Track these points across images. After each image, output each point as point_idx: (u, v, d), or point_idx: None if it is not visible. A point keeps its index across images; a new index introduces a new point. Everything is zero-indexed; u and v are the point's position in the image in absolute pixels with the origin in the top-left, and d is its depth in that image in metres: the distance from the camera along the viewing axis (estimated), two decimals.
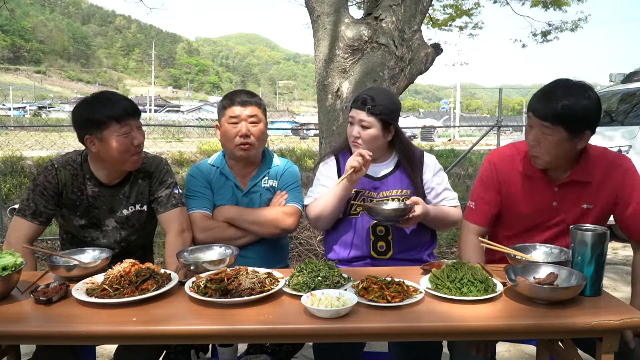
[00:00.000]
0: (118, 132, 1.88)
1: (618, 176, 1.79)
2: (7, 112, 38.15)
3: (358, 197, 2.12)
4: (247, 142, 2.11)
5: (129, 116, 1.91)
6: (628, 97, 6.61)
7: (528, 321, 1.39)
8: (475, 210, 1.97)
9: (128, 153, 1.91)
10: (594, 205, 1.82)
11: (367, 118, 2.07)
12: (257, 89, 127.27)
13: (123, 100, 1.94)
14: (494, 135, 6.99)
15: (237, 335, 1.46)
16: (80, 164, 2.00)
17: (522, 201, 1.89)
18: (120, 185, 2.03)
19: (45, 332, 1.40)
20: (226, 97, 2.19)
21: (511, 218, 1.94)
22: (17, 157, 8.86)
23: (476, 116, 32.21)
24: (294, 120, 36.07)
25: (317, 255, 4.21)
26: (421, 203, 2.00)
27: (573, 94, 1.66)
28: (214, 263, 1.71)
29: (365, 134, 2.09)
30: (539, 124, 1.70)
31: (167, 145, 13.54)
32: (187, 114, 37.04)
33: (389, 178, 2.15)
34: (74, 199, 1.99)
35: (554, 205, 1.85)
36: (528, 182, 1.87)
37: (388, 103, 2.10)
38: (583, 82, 1.71)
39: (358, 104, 2.11)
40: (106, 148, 1.90)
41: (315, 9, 3.50)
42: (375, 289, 1.50)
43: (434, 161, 2.23)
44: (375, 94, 2.11)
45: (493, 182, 1.93)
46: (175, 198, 2.05)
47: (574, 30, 9.72)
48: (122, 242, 2.06)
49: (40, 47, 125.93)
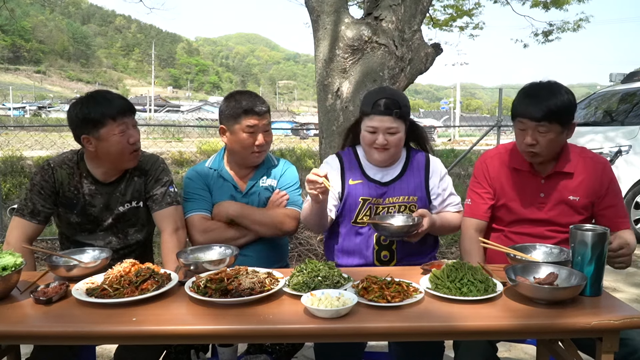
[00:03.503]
0: (115, 130, 1.90)
1: (598, 171, 1.96)
2: (7, 112, 38.12)
3: (365, 205, 2.07)
4: (262, 150, 2.17)
5: (125, 114, 1.93)
6: (628, 97, 6.60)
7: (528, 321, 1.40)
8: (472, 205, 2.08)
9: (125, 151, 1.94)
10: (580, 198, 1.95)
11: (393, 124, 1.98)
12: (257, 89, 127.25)
13: (118, 99, 1.96)
14: (494, 135, 6.98)
15: (237, 335, 1.46)
16: (76, 163, 2.02)
17: (512, 194, 2.02)
18: (117, 183, 2.04)
19: (45, 332, 1.40)
20: (239, 104, 2.11)
21: (502, 211, 2.05)
22: (17, 157, 8.87)
23: (476, 116, 32.22)
24: (294, 120, 36.02)
25: (317, 255, 4.21)
26: (428, 215, 1.98)
27: (555, 93, 1.83)
28: (214, 263, 1.71)
29: (393, 140, 2.00)
30: (535, 126, 1.84)
31: (167, 145, 13.54)
32: (187, 114, 36.98)
33: (395, 183, 2.09)
34: (70, 197, 2.00)
35: (542, 196, 1.98)
36: (517, 176, 2.02)
37: (407, 102, 2.05)
38: (554, 81, 1.91)
39: (380, 110, 1.97)
40: (103, 147, 1.91)
41: (315, 9, 3.50)
42: (375, 289, 1.50)
43: (439, 165, 2.19)
44: (393, 95, 2.02)
45: (485, 178, 2.07)
46: (170, 196, 2.06)
47: (576, 30, 9.71)
48: (119, 238, 2.07)
49: (40, 47, 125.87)
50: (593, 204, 1.96)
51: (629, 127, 5.82)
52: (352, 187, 2.09)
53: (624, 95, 6.71)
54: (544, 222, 1.98)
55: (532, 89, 1.90)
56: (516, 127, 1.91)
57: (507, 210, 2.03)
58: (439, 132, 28.34)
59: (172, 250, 1.94)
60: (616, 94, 6.92)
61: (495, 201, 2.05)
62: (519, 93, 1.92)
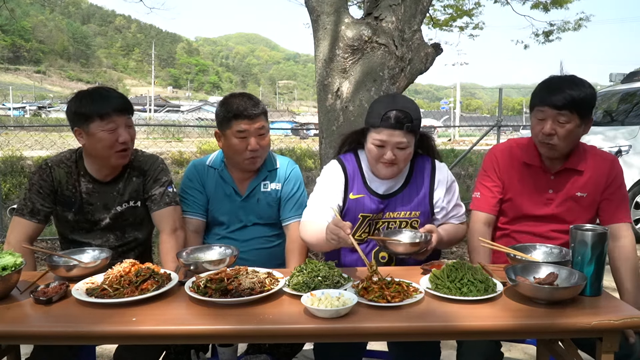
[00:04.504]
0: (103, 127, 1.91)
1: (606, 168, 1.95)
2: (7, 112, 38.10)
3: (364, 222, 1.98)
4: (256, 155, 2.09)
5: (115, 113, 1.93)
6: (628, 97, 6.60)
7: (528, 321, 1.40)
8: (480, 199, 2.06)
9: (112, 149, 1.94)
10: (587, 194, 1.93)
11: (403, 139, 1.83)
12: (257, 89, 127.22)
13: (116, 98, 1.97)
14: (494, 135, 6.98)
15: (237, 335, 1.46)
16: (75, 161, 2.04)
17: (521, 189, 2.00)
18: (114, 182, 2.05)
19: (45, 332, 1.41)
20: (230, 108, 2.06)
21: (509, 206, 2.04)
22: (17, 157, 8.85)
23: (476, 116, 32.20)
24: (294, 120, 36.02)
25: (317, 255, 4.21)
26: (435, 231, 1.85)
27: (578, 85, 1.82)
28: (214, 263, 1.71)
29: (402, 155, 1.86)
30: (555, 115, 1.82)
31: (167, 145, 13.52)
32: (187, 114, 36.97)
33: (397, 197, 1.98)
34: (68, 196, 2.01)
35: (550, 192, 1.97)
36: (527, 171, 2.00)
37: (419, 114, 1.88)
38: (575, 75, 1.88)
39: (391, 123, 1.82)
40: (92, 142, 1.94)
41: (315, 9, 3.49)
42: (375, 289, 1.50)
43: (446, 173, 2.04)
44: (404, 107, 1.85)
45: (495, 171, 2.04)
46: (169, 196, 2.06)
47: (576, 29, 9.69)
48: (117, 236, 2.08)
49: (40, 47, 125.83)
50: (599, 199, 1.95)
51: (629, 127, 5.83)
52: (352, 201, 1.98)
53: (624, 95, 6.71)
54: (550, 218, 1.97)
55: (554, 80, 1.88)
56: (534, 116, 1.89)
57: (513, 205, 2.02)
58: (439, 132, 28.34)
59: (171, 251, 1.94)
60: (616, 94, 6.92)
61: (503, 195, 2.03)
62: (540, 85, 1.90)
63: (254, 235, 2.18)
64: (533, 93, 1.91)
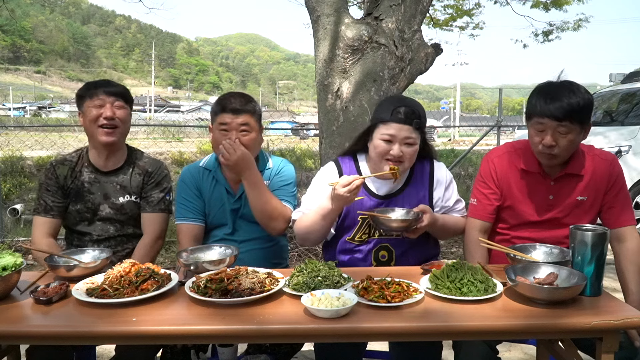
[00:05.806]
0: (90, 105, 2.09)
1: (606, 168, 1.91)
2: (7, 112, 38.11)
3: (364, 223, 2.00)
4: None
5: (103, 93, 2.09)
6: (628, 97, 6.61)
7: (528, 321, 1.40)
8: (477, 206, 2.03)
9: (96, 123, 2.08)
10: (588, 197, 1.91)
11: (412, 134, 1.88)
12: (257, 89, 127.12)
13: (114, 85, 2.15)
14: (494, 135, 6.99)
15: (237, 335, 1.46)
16: (79, 156, 2.20)
17: (520, 195, 1.97)
18: (115, 173, 2.17)
19: (45, 332, 1.41)
20: (219, 102, 2.09)
21: (510, 213, 2.00)
22: (17, 157, 8.84)
23: (476, 116, 32.23)
24: (294, 120, 36.05)
25: (317, 255, 4.21)
26: (429, 212, 1.91)
27: (575, 92, 1.76)
28: (214, 263, 1.71)
29: (409, 152, 1.89)
30: (555, 126, 1.77)
31: (167, 145, 13.49)
32: (187, 114, 37.03)
33: (397, 198, 2.01)
34: (73, 188, 2.15)
35: (550, 198, 1.93)
36: (526, 177, 1.96)
37: (425, 113, 1.95)
38: (570, 81, 1.84)
39: (400, 117, 1.86)
40: (84, 121, 2.12)
41: (315, 9, 3.49)
42: (375, 289, 1.50)
43: (444, 172, 2.09)
44: (412, 105, 1.91)
45: (492, 178, 2.00)
46: (164, 203, 2.20)
47: (576, 29, 9.69)
48: (116, 227, 2.16)
49: (40, 47, 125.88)
50: (600, 201, 1.92)
51: (628, 127, 5.83)
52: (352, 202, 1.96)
53: (624, 95, 6.72)
54: (551, 223, 1.93)
55: (550, 87, 1.81)
56: (533, 127, 1.83)
57: (513, 212, 1.98)
58: (439, 132, 28.35)
59: (144, 255, 2.07)
60: (616, 94, 6.92)
61: (502, 202, 2.00)
62: (535, 92, 1.84)
63: (249, 237, 2.17)
64: (529, 100, 1.85)
